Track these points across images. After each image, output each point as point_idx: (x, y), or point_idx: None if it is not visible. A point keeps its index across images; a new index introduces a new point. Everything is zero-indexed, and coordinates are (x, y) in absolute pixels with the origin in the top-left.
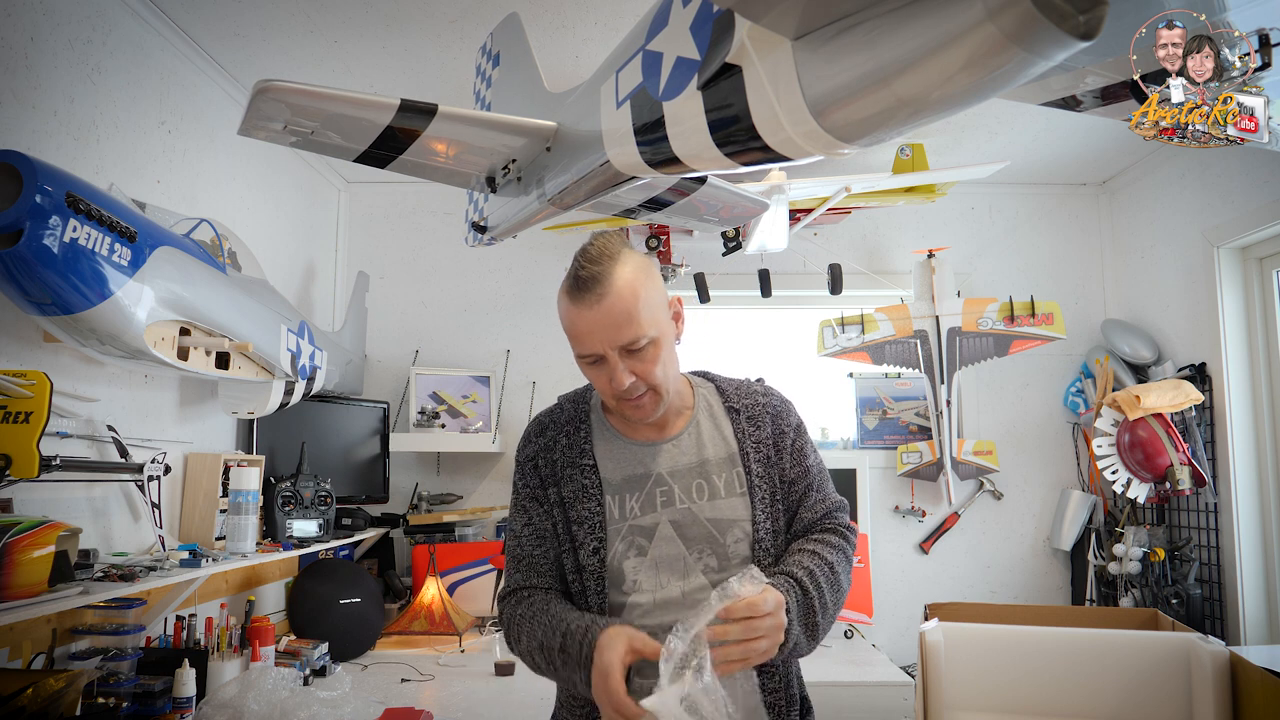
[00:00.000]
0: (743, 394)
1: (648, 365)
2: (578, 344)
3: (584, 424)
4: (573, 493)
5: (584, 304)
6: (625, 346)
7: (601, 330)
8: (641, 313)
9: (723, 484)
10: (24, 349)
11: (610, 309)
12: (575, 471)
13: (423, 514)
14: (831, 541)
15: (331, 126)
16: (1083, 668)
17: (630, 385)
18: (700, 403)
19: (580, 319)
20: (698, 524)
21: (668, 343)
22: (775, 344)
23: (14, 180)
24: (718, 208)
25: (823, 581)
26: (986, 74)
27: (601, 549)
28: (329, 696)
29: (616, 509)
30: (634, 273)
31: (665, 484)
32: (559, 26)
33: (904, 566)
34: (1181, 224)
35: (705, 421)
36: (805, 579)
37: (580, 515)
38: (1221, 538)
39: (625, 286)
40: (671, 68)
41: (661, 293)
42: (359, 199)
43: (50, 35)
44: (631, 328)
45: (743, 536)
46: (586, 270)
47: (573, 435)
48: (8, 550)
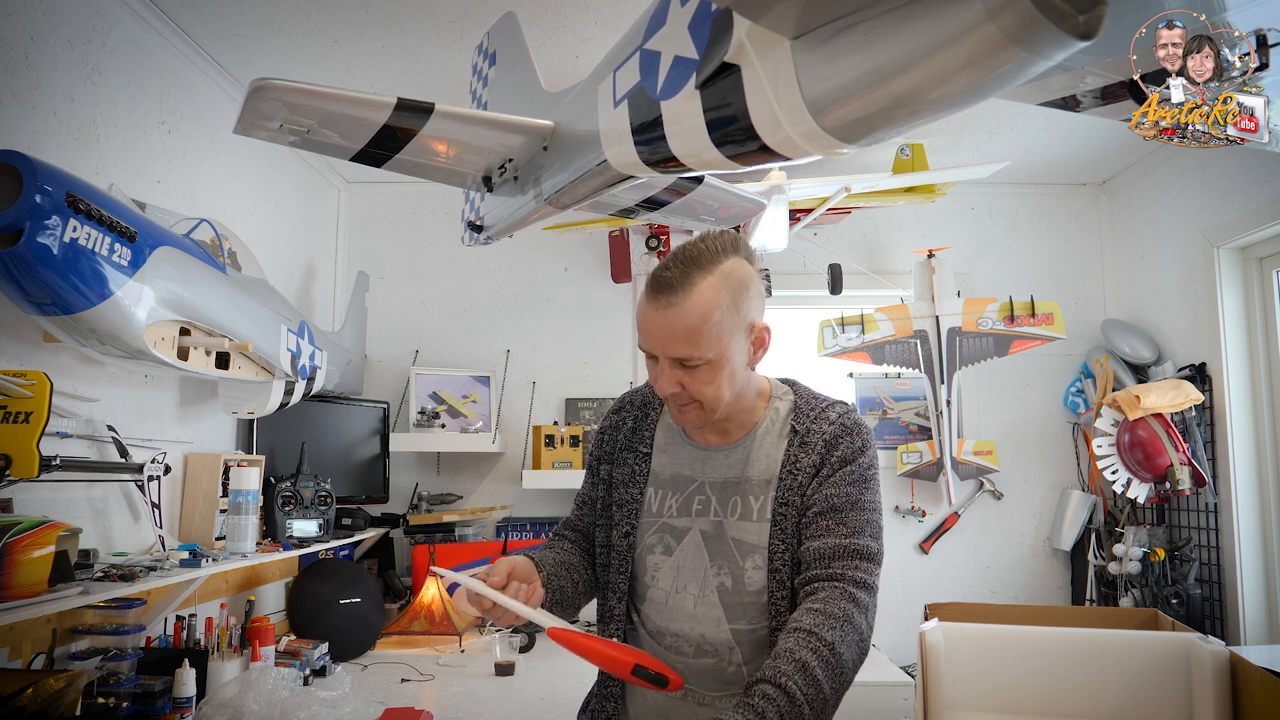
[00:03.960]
0: (813, 416)
1: (698, 383)
2: (641, 336)
3: (655, 411)
4: (622, 476)
5: (653, 305)
6: (679, 359)
7: (661, 336)
8: (706, 335)
9: (756, 507)
10: (24, 349)
11: (674, 320)
12: (630, 455)
13: (423, 514)
14: (833, 613)
15: (328, 125)
16: (1083, 668)
17: (673, 394)
18: (769, 417)
19: (645, 317)
20: (724, 540)
21: (730, 366)
22: (775, 344)
23: (14, 180)
24: (715, 207)
25: (820, 674)
26: (986, 74)
27: (632, 534)
28: (329, 696)
29: (656, 503)
30: (715, 291)
31: (705, 493)
32: (559, 26)
33: (904, 566)
34: (1181, 224)
35: (762, 439)
36: (794, 686)
37: (621, 499)
38: (1221, 538)
39: (697, 304)
40: (669, 67)
41: (742, 316)
42: (359, 199)
43: (50, 35)
44: (688, 346)
45: (761, 565)
46: (669, 272)
47: (640, 420)
48: (8, 550)
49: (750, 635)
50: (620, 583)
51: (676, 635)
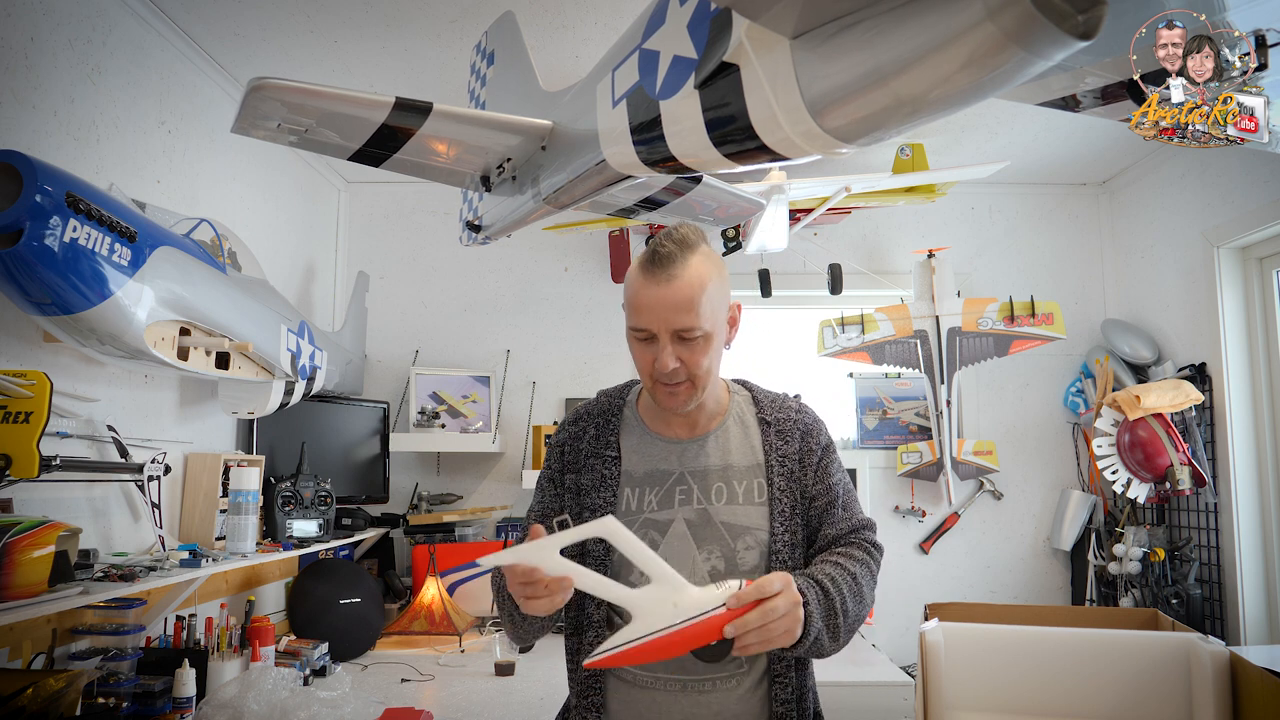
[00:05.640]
0: (776, 407)
1: (695, 356)
2: (635, 316)
3: (615, 417)
4: (590, 481)
5: (653, 280)
6: (679, 331)
7: (662, 309)
8: (703, 305)
9: (742, 491)
10: (24, 349)
11: (676, 291)
12: (598, 461)
13: (423, 514)
14: (855, 555)
15: (326, 124)
16: (1083, 668)
17: (673, 370)
18: (734, 409)
19: (645, 292)
20: (711, 525)
21: (718, 341)
22: (775, 344)
23: (14, 180)
24: (714, 207)
25: (844, 588)
26: (986, 73)
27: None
28: (329, 696)
29: (635, 501)
30: (707, 267)
31: (686, 483)
32: (559, 26)
33: (904, 566)
34: (1181, 224)
35: (735, 428)
36: (826, 581)
37: (594, 503)
38: (1221, 538)
39: (696, 276)
40: (668, 66)
41: (726, 294)
42: (359, 199)
43: (50, 35)
44: (690, 316)
45: (754, 545)
46: (665, 248)
47: (602, 426)
48: (8, 550)
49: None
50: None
51: None
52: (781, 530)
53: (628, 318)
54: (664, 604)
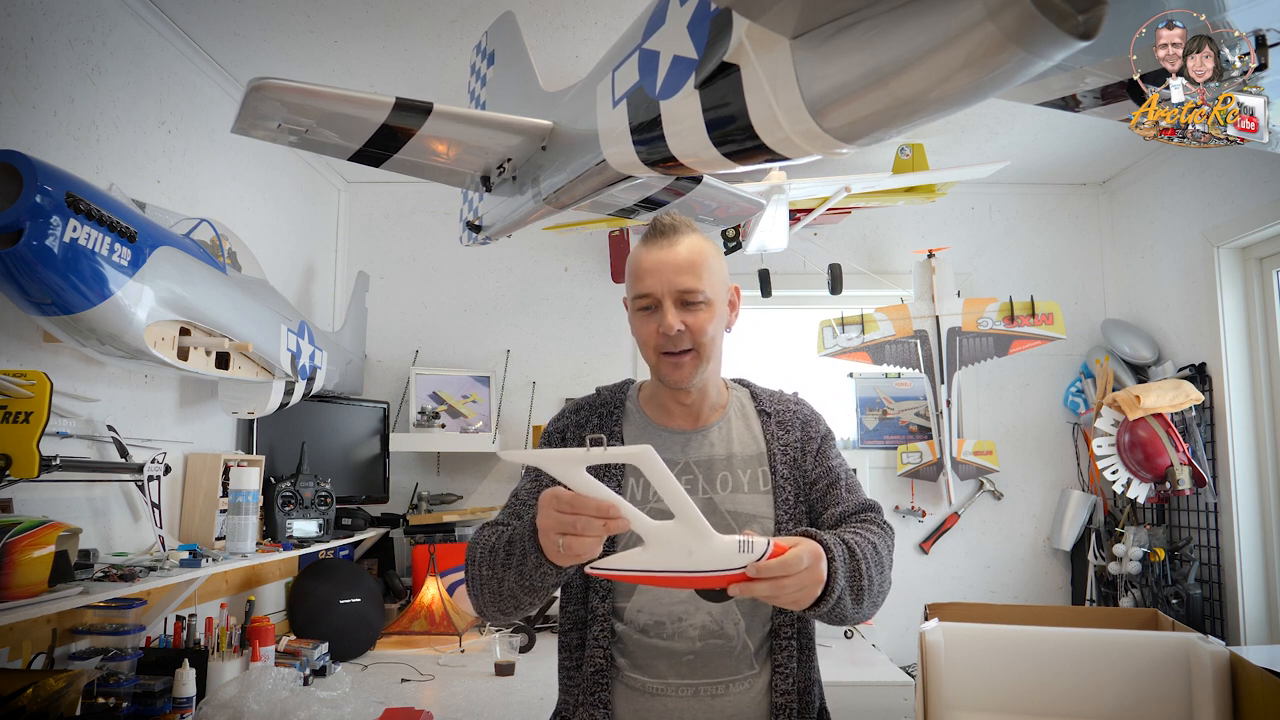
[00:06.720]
0: (775, 400)
1: (699, 321)
2: (638, 283)
3: (618, 409)
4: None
5: (655, 245)
6: (682, 294)
7: (665, 271)
8: (705, 271)
9: (746, 480)
10: (24, 349)
11: (678, 253)
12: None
13: (423, 514)
14: (872, 530)
15: (326, 124)
16: (1083, 668)
17: (678, 334)
18: (734, 403)
19: (647, 257)
20: (717, 514)
21: (719, 317)
22: (775, 344)
23: (14, 180)
24: (713, 207)
25: (868, 553)
26: (986, 74)
27: None
28: (329, 696)
29: (639, 491)
30: (706, 243)
31: (691, 472)
32: (559, 26)
33: (904, 566)
34: (1181, 224)
35: (737, 420)
36: (853, 544)
37: None
38: (1221, 538)
39: (696, 242)
40: (669, 66)
41: (725, 274)
42: (359, 199)
43: (50, 35)
44: (693, 277)
45: (760, 533)
46: (667, 220)
47: (605, 417)
48: (8, 550)
49: (750, 602)
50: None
51: (679, 620)
52: (786, 518)
53: (630, 289)
54: (683, 546)
